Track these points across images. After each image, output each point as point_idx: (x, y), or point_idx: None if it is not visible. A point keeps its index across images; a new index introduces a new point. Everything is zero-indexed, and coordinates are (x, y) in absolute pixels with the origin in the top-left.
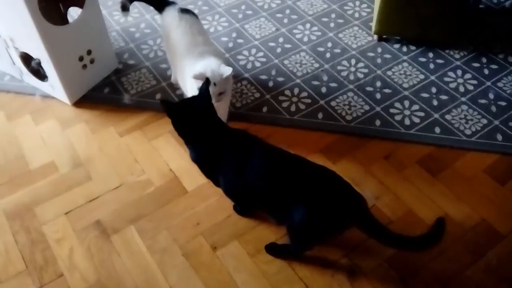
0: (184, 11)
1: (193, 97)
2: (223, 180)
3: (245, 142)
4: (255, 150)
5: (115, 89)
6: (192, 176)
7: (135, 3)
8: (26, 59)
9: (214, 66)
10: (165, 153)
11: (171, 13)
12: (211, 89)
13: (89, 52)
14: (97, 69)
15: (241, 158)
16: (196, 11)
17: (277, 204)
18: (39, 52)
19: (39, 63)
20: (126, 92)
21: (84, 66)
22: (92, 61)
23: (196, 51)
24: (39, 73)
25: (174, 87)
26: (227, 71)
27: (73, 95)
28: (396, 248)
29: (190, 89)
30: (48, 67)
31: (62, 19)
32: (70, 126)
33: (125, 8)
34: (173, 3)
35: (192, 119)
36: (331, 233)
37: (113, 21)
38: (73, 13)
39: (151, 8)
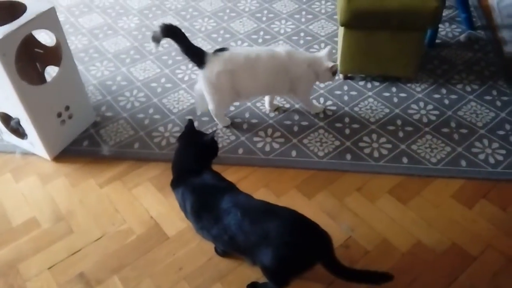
0: (223, 49)
1: (205, 134)
2: (191, 221)
3: (213, 189)
4: (221, 198)
5: (94, 141)
6: (172, 222)
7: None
8: (5, 119)
9: (326, 52)
10: (145, 201)
11: (226, 57)
12: (335, 67)
13: (67, 108)
14: (75, 123)
15: (205, 203)
16: (170, 62)
17: (245, 248)
18: (17, 111)
19: (18, 122)
20: (105, 144)
21: (63, 122)
22: (70, 117)
23: (286, 58)
24: (19, 132)
25: (152, 136)
26: (328, 49)
27: (53, 150)
28: (358, 282)
29: (326, 77)
30: (27, 125)
31: (39, 78)
32: (51, 181)
33: (156, 40)
34: (205, 52)
35: (193, 147)
36: (298, 271)
37: (90, 75)
38: (51, 70)
39: (127, 61)
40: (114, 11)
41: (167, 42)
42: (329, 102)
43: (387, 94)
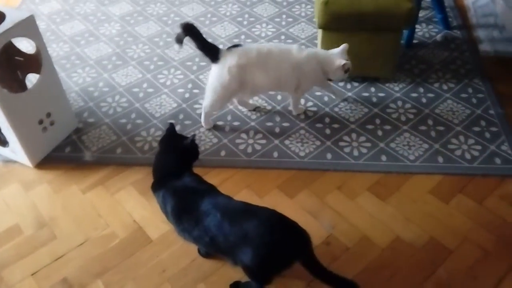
0: (236, 45)
1: (185, 137)
2: (172, 223)
3: (193, 192)
4: (201, 199)
5: (77, 147)
6: (156, 225)
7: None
8: None
9: (340, 50)
10: (128, 205)
11: (239, 52)
12: (347, 65)
13: (48, 115)
14: (57, 130)
15: (185, 206)
16: (152, 67)
17: (226, 248)
18: None
19: None
20: (87, 150)
21: (44, 129)
22: (52, 123)
23: (302, 55)
24: (0, 140)
25: (134, 141)
26: (344, 46)
27: (35, 157)
28: (330, 285)
29: (337, 74)
30: (8, 133)
31: (20, 86)
32: (33, 188)
33: (179, 41)
34: (219, 48)
35: (173, 150)
36: (279, 270)
37: (72, 82)
38: (32, 77)
39: (109, 67)
40: (95, 17)
41: (149, 48)
42: (309, 103)
43: (366, 94)
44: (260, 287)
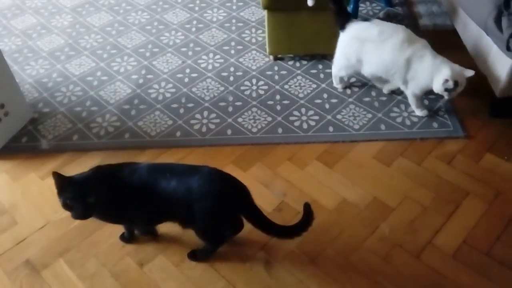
0: (366, 19)
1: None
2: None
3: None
4: (146, 173)
5: (33, 137)
6: None
7: None
8: None
9: (461, 68)
10: None
11: (362, 26)
12: (449, 85)
13: (2, 106)
14: (12, 121)
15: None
16: (105, 55)
17: (175, 208)
18: None
19: None
20: (44, 138)
21: None
22: (6, 114)
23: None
24: None
25: (90, 127)
26: (469, 72)
27: None
28: (276, 237)
29: (437, 86)
30: None
31: None
32: None
33: None
34: (351, 18)
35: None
36: (224, 223)
37: (25, 74)
38: None
39: (62, 57)
40: (46, 10)
41: (101, 37)
42: (260, 82)
43: (314, 71)
44: (213, 248)
